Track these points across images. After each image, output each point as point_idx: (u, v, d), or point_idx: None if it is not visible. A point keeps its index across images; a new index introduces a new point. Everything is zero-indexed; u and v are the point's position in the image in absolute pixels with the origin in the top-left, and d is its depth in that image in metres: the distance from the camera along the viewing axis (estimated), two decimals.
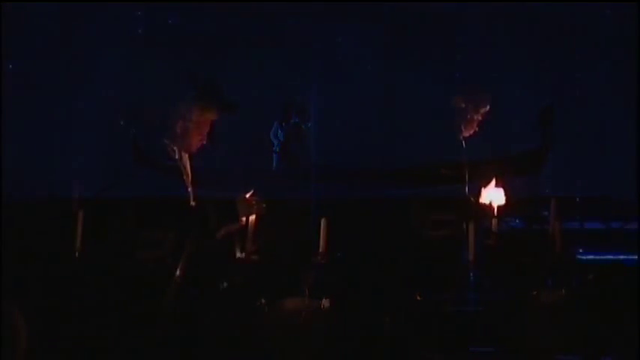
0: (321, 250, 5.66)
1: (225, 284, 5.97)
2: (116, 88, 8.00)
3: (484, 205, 6.22)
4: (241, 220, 5.77)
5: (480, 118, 6.51)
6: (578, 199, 8.89)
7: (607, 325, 5.78)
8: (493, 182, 6.25)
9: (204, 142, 5.98)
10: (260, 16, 8.55)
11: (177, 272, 5.61)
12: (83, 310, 5.92)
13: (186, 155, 6.02)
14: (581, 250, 8.08)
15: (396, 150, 8.30)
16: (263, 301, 5.64)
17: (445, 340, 6.06)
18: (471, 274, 6.03)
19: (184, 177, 5.98)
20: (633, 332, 5.75)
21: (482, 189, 6.28)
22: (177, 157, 5.95)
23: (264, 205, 5.81)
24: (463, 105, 6.50)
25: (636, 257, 7.36)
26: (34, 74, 8.03)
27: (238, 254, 5.71)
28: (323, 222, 5.68)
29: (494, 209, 6.20)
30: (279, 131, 8.51)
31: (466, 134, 6.57)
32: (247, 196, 5.81)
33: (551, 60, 9.17)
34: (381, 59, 8.84)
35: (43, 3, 8.07)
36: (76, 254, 5.60)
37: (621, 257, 7.84)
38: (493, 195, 6.23)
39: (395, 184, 7.32)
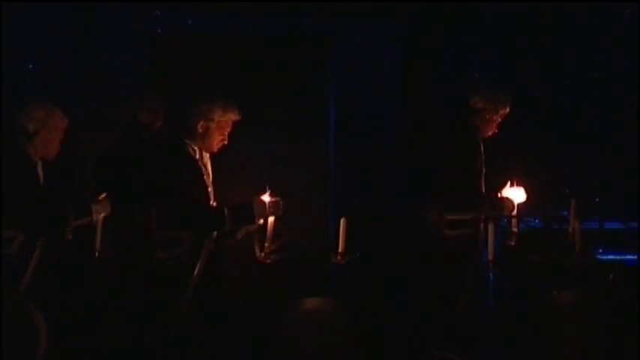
0: (340, 249, 5.66)
1: (244, 284, 5.99)
2: (135, 88, 7.99)
3: (504, 203, 6.19)
4: (259, 221, 5.77)
5: (499, 119, 6.49)
6: (597, 199, 8.86)
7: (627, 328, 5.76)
8: (514, 182, 6.22)
9: (226, 143, 5.98)
10: (278, 16, 8.55)
11: (196, 272, 5.62)
12: (102, 309, 5.94)
13: (207, 155, 6.02)
14: (601, 251, 8.06)
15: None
16: (282, 301, 5.64)
17: (462, 341, 6.06)
18: (490, 274, 6.01)
19: (205, 176, 5.98)
20: None
21: (502, 187, 6.25)
22: (197, 157, 5.95)
23: (281, 205, 5.81)
24: (482, 105, 6.47)
25: None
26: (53, 74, 8.04)
27: (258, 254, 5.72)
28: (342, 222, 5.67)
29: (514, 207, 6.16)
30: None
31: (485, 135, 6.54)
32: (263, 196, 5.80)
33: (567, 60, 9.14)
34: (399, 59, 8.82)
35: (61, 2, 8.08)
36: (96, 254, 5.62)
37: None
38: (513, 193, 6.20)
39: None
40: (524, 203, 6.19)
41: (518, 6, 8.76)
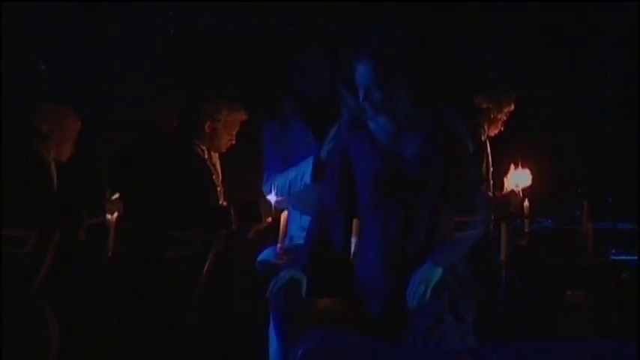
0: (353, 250, 5.66)
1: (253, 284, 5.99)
2: (148, 88, 8.02)
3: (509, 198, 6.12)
4: (266, 220, 5.78)
5: (504, 117, 6.48)
6: (610, 200, 8.84)
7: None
8: (518, 163, 6.06)
9: (234, 142, 6.00)
10: (289, 17, 8.56)
11: (204, 271, 5.64)
12: (112, 309, 5.96)
13: (216, 155, 6.04)
14: (614, 251, 8.04)
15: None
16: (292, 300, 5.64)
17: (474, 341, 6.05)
18: (503, 275, 6.00)
19: (214, 176, 6.00)
20: None
21: (507, 172, 6.11)
22: (206, 157, 5.97)
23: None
24: (486, 105, 6.48)
25: None
26: (66, 75, 8.07)
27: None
28: (355, 222, 5.67)
29: (521, 200, 6.03)
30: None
31: (491, 134, 6.54)
32: (270, 195, 5.81)
33: (580, 59, 9.13)
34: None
35: (74, 3, 8.11)
36: (109, 254, 5.65)
37: None
38: (519, 177, 6.04)
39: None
40: (534, 200, 6.12)
41: (527, 6, 8.75)
